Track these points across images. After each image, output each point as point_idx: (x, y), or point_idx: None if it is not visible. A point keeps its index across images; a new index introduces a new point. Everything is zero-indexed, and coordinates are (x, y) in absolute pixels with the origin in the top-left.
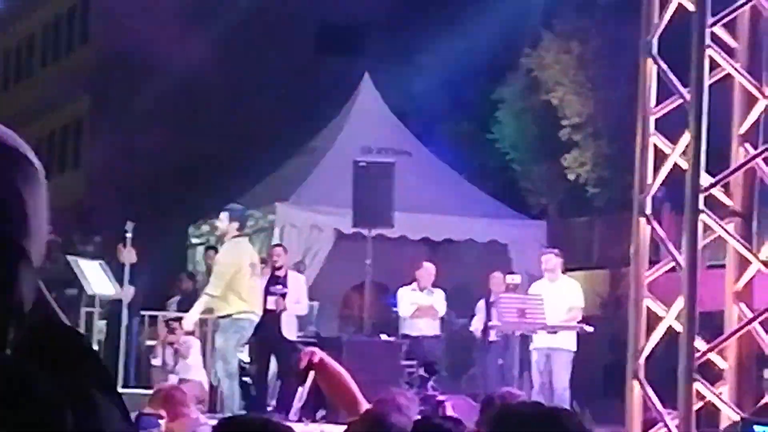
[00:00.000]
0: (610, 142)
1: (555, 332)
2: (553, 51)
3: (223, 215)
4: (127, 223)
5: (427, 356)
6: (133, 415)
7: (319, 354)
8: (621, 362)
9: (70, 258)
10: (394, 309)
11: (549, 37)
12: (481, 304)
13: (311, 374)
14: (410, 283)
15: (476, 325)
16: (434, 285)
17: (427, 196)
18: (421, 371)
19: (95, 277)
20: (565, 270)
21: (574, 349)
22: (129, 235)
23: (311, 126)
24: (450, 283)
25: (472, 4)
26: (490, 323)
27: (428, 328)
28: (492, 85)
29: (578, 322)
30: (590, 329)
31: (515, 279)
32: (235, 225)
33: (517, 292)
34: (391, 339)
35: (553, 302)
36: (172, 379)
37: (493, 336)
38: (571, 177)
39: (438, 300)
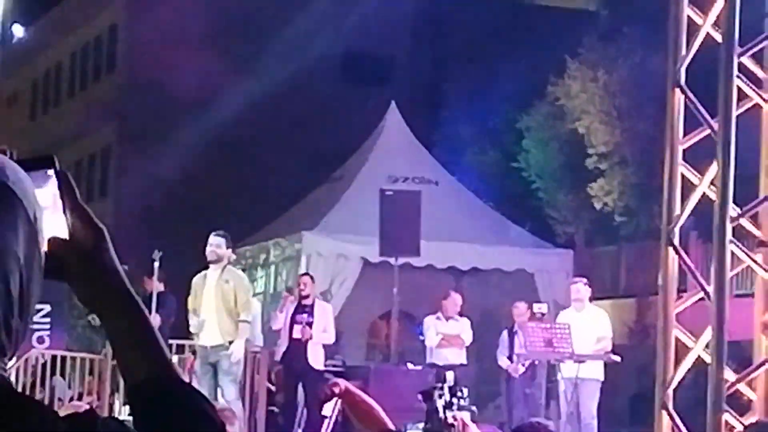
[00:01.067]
0: (636, 171)
1: (583, 361)
2: (580, 80)
3: (222, 240)
4: (154, 252)
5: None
6: None
7: (344, 384)
8: (648, 392)
9: None
10: (421, 338)
11: (575, 65)
12: (505, 335)
13: (337, 404)
14: (435, 312)
15: (502, 358)
16: (461, 314)
17: (453, 224)
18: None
19: None
20: (593, 299)
21: (602, 378)
22: (156, 264)
23: (338, 154)
24: (477, 312)
25: (498, 34)
26: (515, 352)
27: (455, 357)
28: (518, 114)
29: (606, 352)
30: (618, 359)
31: (542, 308)
32: (230, 251)
33: (544, 321)
34: (418, 368)
35: (582, 331)
36: None
37: (513, 370)
38: (598, 206)
39: (464, 329)
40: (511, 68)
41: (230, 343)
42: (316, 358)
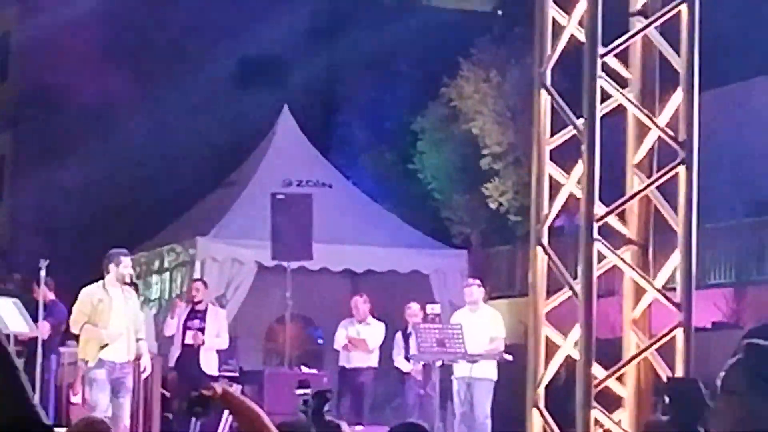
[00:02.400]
0: (530, 171)
1: (475, 361)
2: (473, 80)
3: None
4: (40, 260)
5: (356, 388)
6: None
7: (221, 387)
8: (553, 392)
9: None
10: (320, 341)
11: (468, 66)
12: (398, 336)
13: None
14: (353, 316)
15: (398, 359)
16: (376, 318)
17: (348, 227)
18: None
19: (9, 315)
20: (489, 298)
21: (495, 378)
22: (43, 272)
23: (231, 160)
24: (373, 313)
25: (392, 36)
26: (410, 354)
27: (360, 360)
28: (412, 116)
29: (499, 352)
30: (510, 358)
31: (435, 309)
32: None
33: (438, 322)
34: (313, 371)
35: (475, 332)
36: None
37: (413, 369)
38: (493, 206)
39: (373, 333)
40: (405, 71)
41: (135, 360)
42: (209, 364)
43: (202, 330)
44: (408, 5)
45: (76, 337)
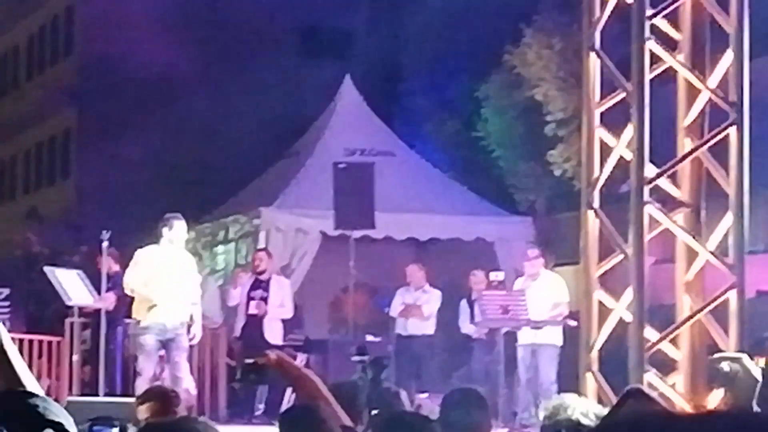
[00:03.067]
0: None
1: (539, 328)
2: (535, 47)
3: (185, 224)
4: (102, 232)
5: (413, 356)
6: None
7: (276, 354)
8: (608, 355)
9: (46, 269)
10: (386, 309)
11: (530, 33)
12: (463, 303)
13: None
14: (409, 284)
15: (464, 326)
16: (433, 285)
17: (412, 196)
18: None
19: (72, 287)
20: (555, 265)
21: (560, 343)
22: (105, 243)
23: (295, 129)
24: (437, 282)
25: (453, 4)
26: (475, 321)
27: (417, 327)
28: (476, 83)
29: (564, 317)
30: (574, 323)
31: (499, 276)
32: None
33: (501, 289)
34: (377, 339)
35: (538, 298)
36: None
37: (478, 333)
38: (558, 172)
39: (428, 300)
40: (468, 38)
41: (188, 323)
42: (272, 333)
43: (264, 300)
44: None
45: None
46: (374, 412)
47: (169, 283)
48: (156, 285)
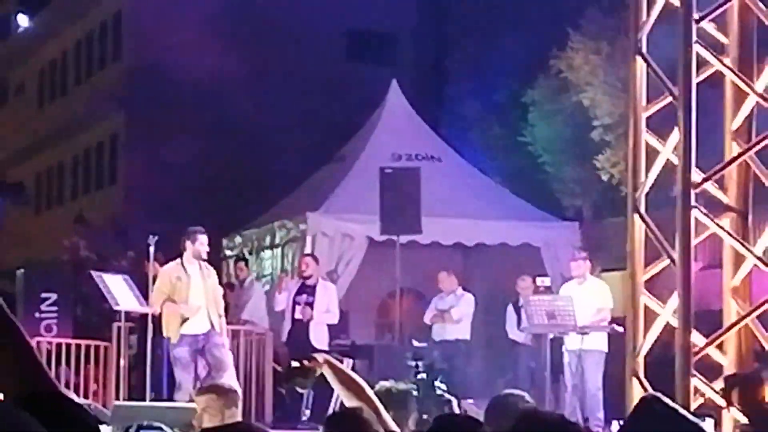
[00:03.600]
0: None
1: (585, 333)
2: (582, 52)
3: (207, 238)
4: (149, 237)
5: (443, 361)
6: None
7: (324, 357)
8: (655, 360)
9: (94, 274)
10: None
11: (577, 38)
12: (510, 309)
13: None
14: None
15: (511, 331)
16: (465, 289)
17: (458, 201)
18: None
19: (120, 292)
20: (602, 271)
21: (606, 349)
22: (152, 248)
23: (342, 134)
24: (483, 287)
25: (500, 9)
26: (521, 327)
27: (450, 332)
28: (522, 88)
29: (609, 323)
30: (620, 329)
31: (545, 281)
32: None
33: (548, 294)
34: (423, 345)
35: (582, 303)
36: None
37: (524, 339)
38: (605, 177)
39: (457, 304)
40: (514, 43)
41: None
42: (318, 338)
43: (310, 305)
44: None
45: None
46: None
47: (196, 294)
48: (183, 300)
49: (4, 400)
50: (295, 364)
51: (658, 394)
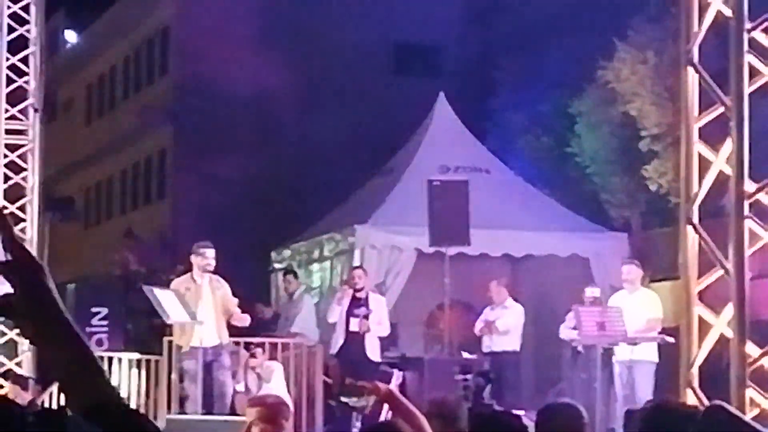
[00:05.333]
0: None
1: (636, 344)
2: (629, 62)
3: (214, 252)
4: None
5: (498, 373)
6: None
7: (386, 388)
8: (707, 370)
9: (145, 287)
10: None
11: (624, 48)
12: (571, 315)
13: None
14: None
15: (565, 331)
16: (516, 300)
17: (506, 212)
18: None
19: (171, 306)
20: (651, 281)
21: (656, 360)
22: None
23: (389, 147)
24: (533, 298)
25: (546, 19)
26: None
27: (499, 344)
28: (569, 99)
29: (659, 333)
30: (672, 340)
31: (595, 292)
32: None
33: (597, 305)
34: (473, 357)
35: (633, 313)
36: None
37: (579, 347)
38: (653, 188)
39: (505, 315)
40: (560, 53)
41: (226, 344)
42: (373, 350)
43: (366, 317)
44: None
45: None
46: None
47: (204, 307)
48: (193, 312)
49: (73, 413)
50: (352, 382)
51: (723, 404)
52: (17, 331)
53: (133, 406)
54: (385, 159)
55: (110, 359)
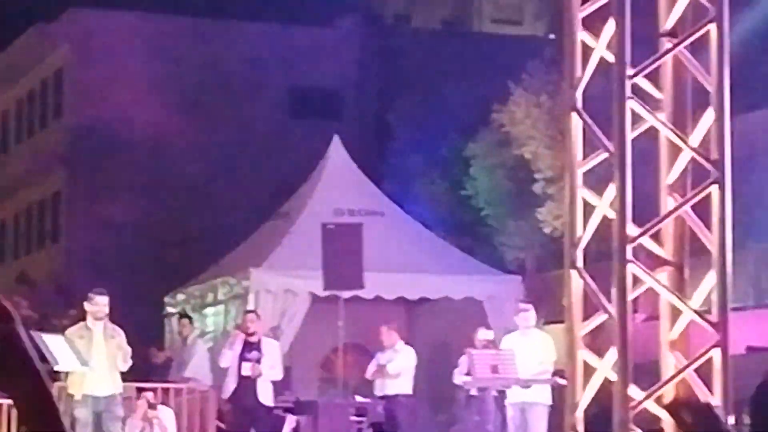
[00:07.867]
0: None
1: (528, 386)
2: (524, 105)
3: (106, 299)
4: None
5: (387, 415)
6: None
7: None
8: (602, 414)
9: (33, 333)
10: None
11: (519, 92)
12: (463, 359)
13: None
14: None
15: (458, 377)
16: (407, 343)
17: (401, 255)
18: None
19: (60, 352)
20: (545, 323)
21: (549, 402)
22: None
23: (285, 190)
24: (428, 341)
25: (441, 63)
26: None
27: (391, 387)
28: (464, 142)
29: (553, 375)
30: (564, 382)
31: (488, 335)
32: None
33: (490, 348)
34: (367, 400)
35: (525, 356)
36: None
37: (473, 391)
38: (547, 230)
39: (395, 359)
40: (457, 97)
41: (119, 393)
42: (265, 395)
43: (259, 361)
44: (458, 31)
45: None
46: None
47: (97, 355)
48: (84, 359)
49: None
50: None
51: None
52: None
53: None
54: (281, 202)
55: None
